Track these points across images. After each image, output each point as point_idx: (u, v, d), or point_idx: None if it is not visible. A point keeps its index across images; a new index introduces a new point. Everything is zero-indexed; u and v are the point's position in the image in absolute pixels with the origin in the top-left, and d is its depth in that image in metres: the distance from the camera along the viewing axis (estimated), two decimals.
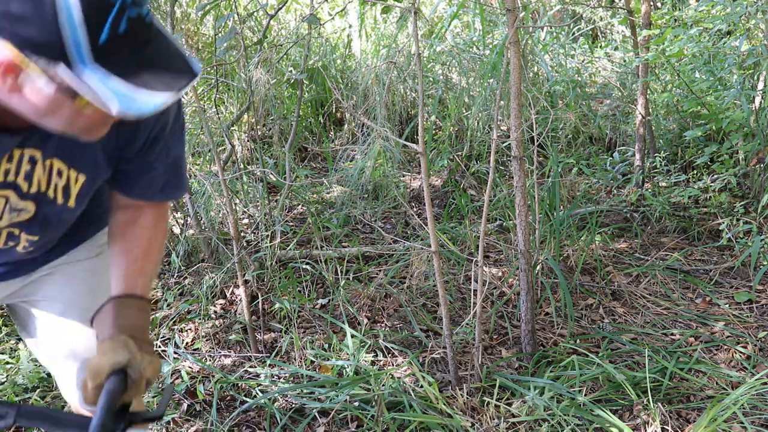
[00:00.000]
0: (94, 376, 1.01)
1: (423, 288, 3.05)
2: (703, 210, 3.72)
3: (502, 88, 2.29)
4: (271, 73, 3.64)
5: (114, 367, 1.01)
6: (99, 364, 1.01)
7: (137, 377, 1.03)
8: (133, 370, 1.02)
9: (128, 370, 1.02)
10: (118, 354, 1.02)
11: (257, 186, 3.66)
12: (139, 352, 1.05)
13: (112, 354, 1.02)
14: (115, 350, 1.02)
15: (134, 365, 1.03)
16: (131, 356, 1.03)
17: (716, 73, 3.74)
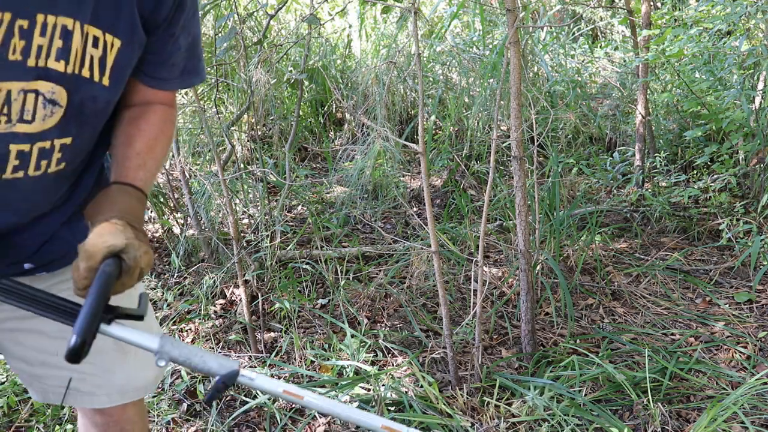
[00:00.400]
0: (88, 257, 0.96)
1: (423, 288, 3.05)
2: (703, 210, 3.72)
3: (502, 88, 2.29)
4: (271, 73, 3.64)
5: (110, 250, 0.96)
6: (94, 245, 0.96)
7: (132, 264, 0.98)
8: (129, 256, 0.98)
9: (123, 255, 0.97)
10: (116, 237, 0.97)
11: (257, 186, 3.66)
12: (136, 239, 1.00)
13: (109, 236, 0.97)
14: (113, 233, 0.97)
15: (130, 251, 0.98)
16: (128, 241, 0.98)
17: (716, 73, 3.74)
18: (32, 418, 2.21)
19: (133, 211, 1.06)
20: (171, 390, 2.38)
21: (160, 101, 1.22)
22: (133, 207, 1.07)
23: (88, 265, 0.96)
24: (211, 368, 0.96)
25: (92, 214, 1.05)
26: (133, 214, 1.05)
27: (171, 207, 3.62)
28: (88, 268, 0.96)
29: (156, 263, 3.44)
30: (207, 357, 0.96)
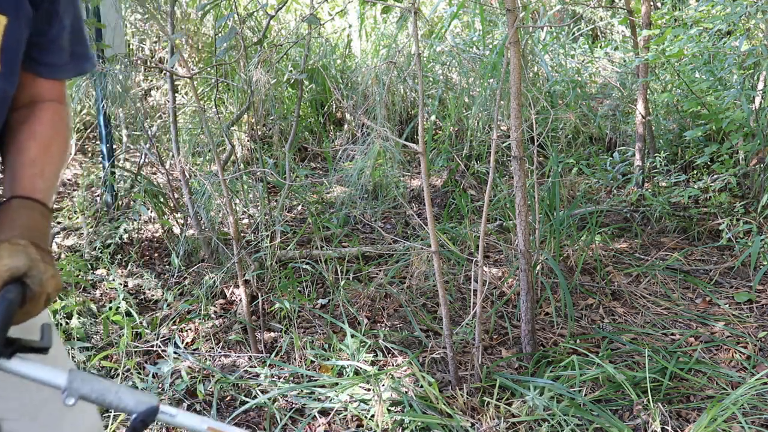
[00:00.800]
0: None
1: (423, 288, 3.05)
2: (703, 210, 3.72)
3: (502, 88, 2.29)
4: (271, 73, 3.64)
5: (12, 273, 0.85)
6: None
7: (38, 289, 0.88)
8: (34, 280, 0.87)
9: (27, 279, 0.87)
10: (17, 258, 0.86)
11: (257, 186, 3.66)
12: (41, 261, 0.89)
13: (9, 259, 0.85)
14: (13, 254, 0.86)
15: (35, 275, 0.87)
16: (32, 263, 0.87)
17: (716, 73, 3.74)
18: None
19: (37, 227, 0.94)
20: (171, 390, 2.38)
21: (51, 97, 1.11)
22: (36, 223, 0.95)
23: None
24: (126, 406, 0.87)
25: None
26: (37, 231, 0.94)
27: (171, 207, 3.62)
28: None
29: (156, 263, 3.44)
30: (123, 393, 0.87)
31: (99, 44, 3.05)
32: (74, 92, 3.46)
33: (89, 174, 3.83)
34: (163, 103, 5.35)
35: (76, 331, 2.64)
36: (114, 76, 2.96)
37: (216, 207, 3.34)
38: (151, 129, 3.86)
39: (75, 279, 3.03)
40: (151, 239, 3.68)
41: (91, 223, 3.51)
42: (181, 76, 3.61)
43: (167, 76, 3.25)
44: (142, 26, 5.68)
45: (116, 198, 3.66)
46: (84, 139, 5.01)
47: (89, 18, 3.16)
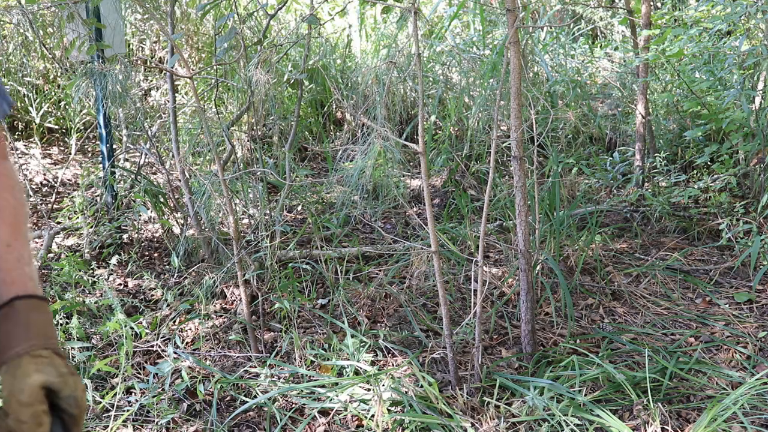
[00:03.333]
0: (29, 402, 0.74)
1: (423, 288, 3.05)
2: (703, 210, 3.72)
3: (502, 88, 2.29)
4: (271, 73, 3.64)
5: (46, 387, 0.76)
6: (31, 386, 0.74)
7: (76, 412, 0.79)
8: (70, 402, 0.78)
9: (62, 403, 0.78)
10: (47, 372, 0.77)
11: (257, 186, 3.66)
12: (70, 374, 0.79)
13: (39, 374, 0.75)
14: (41, 369, 0.76)
15: (69, 395, 0.78)
16: (62, 378, 0.77)
17: (716, 73, 3.74)
18: None
19: (49, 330, 0.82)
20: (171, 390, 2.38)
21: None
22: (48, 325, 0.83)
23: (37, 409, 0.75)
24: None
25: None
26: (52, 335, 0.82)
27: (171, 207, 3.62)
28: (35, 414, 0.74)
29: (156, 263, 3.44)
30: None
31: (99, 44, 3.04)
32: (74, 92, 3.46)
33: (89, 174, 3.83)
34: (163, 103, 5.35)
35: (77, 331, 2.64)
36: (114, 76, 2.96)
37: (216, 207, 3.34)
38: (151, 129, 3.86)
39: (75, 279, 3.03)
40: (151, 239, 3.68)
41: (91, 223, 3.51)
42: (181, 76, 3.61)
43: (167, 76, 3.25)
44: (142, 26, 5.68)
45: (116, 198, 3.66)
46: (84, 139, 5.01)
47: (89, 18, 3.16)
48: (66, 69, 4.65)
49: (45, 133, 5.17)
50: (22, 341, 0.78)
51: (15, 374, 0.76)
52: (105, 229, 3.44)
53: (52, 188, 4.27)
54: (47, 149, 5.04)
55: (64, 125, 5.22)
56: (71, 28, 3.32)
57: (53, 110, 5.26)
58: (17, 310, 0.80)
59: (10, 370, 0.76)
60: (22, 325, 0.79)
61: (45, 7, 4.12)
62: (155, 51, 5.86)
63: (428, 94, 4.83)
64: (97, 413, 2.27)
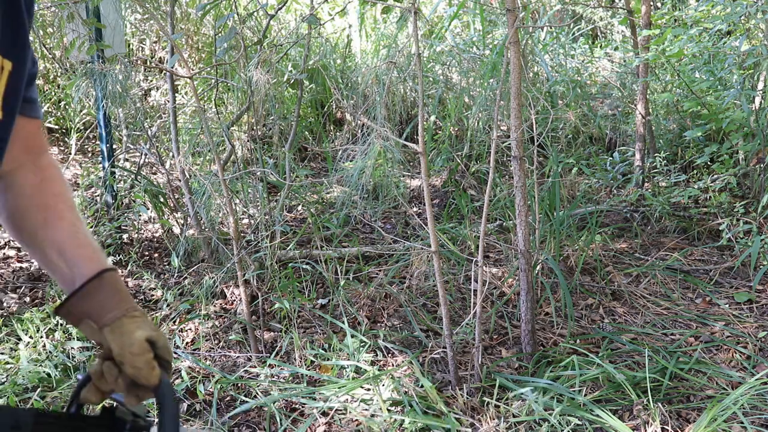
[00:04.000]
0: (140, 352, 0.87)
1: (423, 288, 3.05)
2: (703, 210, 3.72)
3: (502, 88, 2.29)
4: (271, 73, 3.64)
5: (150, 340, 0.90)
6: (138, 340, 0.88)
7: (169, 358, 0.92)
8: (164, 351, 0.91)
9: (159, 351, 0.91)
10: (146, 328, 0.90)
11: (257, 186, 3.66)
12: (158, 328, 0.93)
13: (141, 330, 0.89)
14: (141, 326, 0.90)
15: (163, 344, 0.91)
16: (156, 332, 0.91)
17: (716, 73, 3.74)
18: None
19: (131, 297, 0.95)
20: None
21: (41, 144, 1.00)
22: (128, 291, 0.96)
23: (148, 357, 0.88)
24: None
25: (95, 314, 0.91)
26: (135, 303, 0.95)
27: (171, 207, 3.62)
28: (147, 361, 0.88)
29: (156, 263, 3.44)
30: None
31: (99, 44, 3.04)
32: (74, 92, 3.47)
33: (89, 174, 3.83)
34: (163, 103, 5.35)
35: (77, 331, 2.64)
36: (114, 76, 2.96)
37: (216, 207, 3.34)
38: (151, 129, 3.86)
39: None
40: (151, 239, 3.68)
41: (91, 223, 3.50)
42: (181, 76, 3.61)
43: (167, 76, 3.25)
44: (142, 26, 5.68)
45: (116, 198, 3.66)
46: (84, 139, 5.01)
47: (89, 18, 3.16)
48: (66, 69, 4.66)
49: (45, 133, 5.16)
50: (117, 306, 0.91)
51: (121, 332, 0.88)
52: (105, 229, 3.44)
53: None
54: None
55: (64, 125, 5.22)
56: (71, 28, 3.32)
57: (53, 110, 5.26)
58: (107, 281, 0.92)
59: (115, 330, 0.89)
60: (113, 292, 0.92)
61: (45, 7, 4.12)
62: (155, 51, 5.86)
63: (428, 94, 4.83)
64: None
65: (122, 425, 0.89)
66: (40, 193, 0.97)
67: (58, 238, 0.95)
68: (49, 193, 0.98)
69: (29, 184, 0.97)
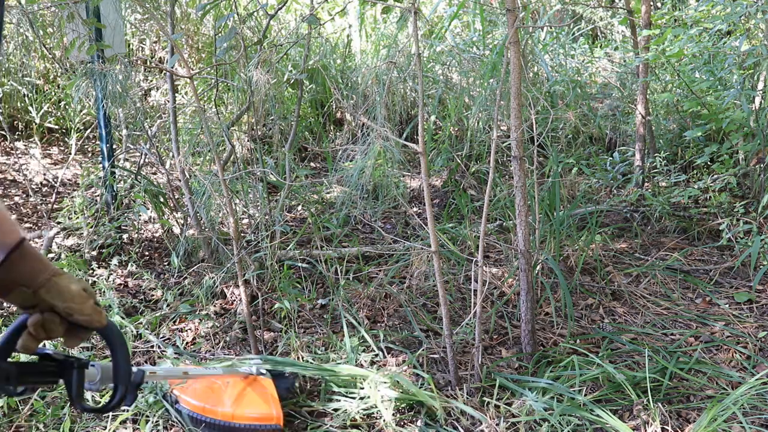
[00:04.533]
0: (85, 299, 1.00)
1: (423, 288, 3.05)
2: (703, 210, 3.72)
3: (502, 88, 2.29)
4: (271, 73, 3.64)
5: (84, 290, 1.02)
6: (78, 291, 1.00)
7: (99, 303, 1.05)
8: (94, 296, 1.04)
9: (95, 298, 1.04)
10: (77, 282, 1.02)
11: (257, 186, 3.66)
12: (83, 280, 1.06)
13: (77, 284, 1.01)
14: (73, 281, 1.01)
15: (92, 291, 1.04)
16: (85, 284, 1.04)
17: (716, 73, 3.74)
18: (32, 418, 2.21)
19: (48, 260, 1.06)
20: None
21: None
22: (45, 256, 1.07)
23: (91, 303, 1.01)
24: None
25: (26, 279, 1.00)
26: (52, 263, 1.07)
27: (171, 207, 3.62)
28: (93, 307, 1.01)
29: (156, 263, 3.44)
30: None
31: (99, 44, 3.04)
32: (74, 92, 3.47)
33: (89, 174, 3.83)
34: (163, 103, 5.35)
35: None
36: (114, 76, 2.96)
37: (216, 207, 3.34)
38: (151, 129, 3.86)
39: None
40: (151, 239, 3.68)
41: (91, 223, 3.50)
42: (181, 76, 3.61)
43: (167, 76, 3.25)
44: (142, 26, 5.68)
45: (116, 198, 3.66)
46: (84, 139, 5.01)
47: (89, 18, 3.16)
48: (66, 69, 4.65)
49: (45, 133, 5.17)
50: (44, 269, 0.99)
51: (59, 289, 0.98)
52: (105, 229, 3.44)
53: (52, 188, 4.27)
54: (47, 149, 5.04)
55: (64, 125, 5.22)
56: (71, 28, 3.32)
57: (53, 110, 5.26)
58: (27, 250, 1.00)
59: (51, 288, 0.98)
60: (37, 258, 1.00)
61: (45, 7, 4.12)
62: (155, 51, 5.86)
63: (428, 94, 4.83)
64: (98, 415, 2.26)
65: (69, 364, 1.01)
66: None
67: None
68: None
69: None
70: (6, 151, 4.88)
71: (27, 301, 0.98)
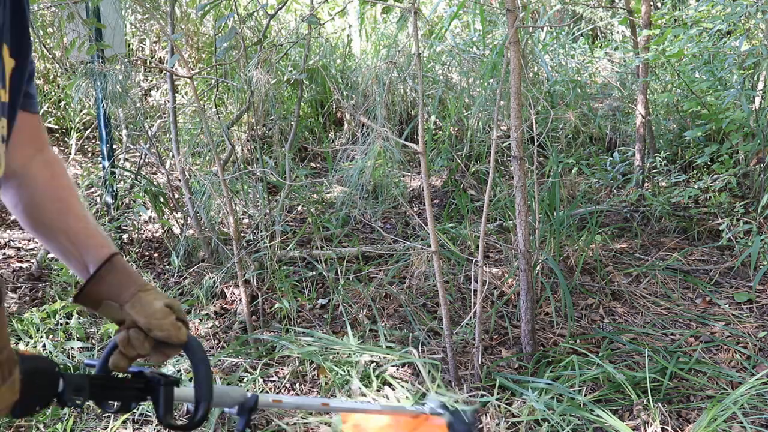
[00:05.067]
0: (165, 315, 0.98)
1: (423, 288, 3.05)
2: (703, 210, 3.72)
3: (502, 88, 2.29)
4: (271, 73, 3.64)
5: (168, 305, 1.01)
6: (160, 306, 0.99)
7: (186, 320, 1.04)
8: (181, 313, 1.03)
9: (179, 314, 1.03)
10: (163, 299, 1.00)
11: (257, 186, 3.66)
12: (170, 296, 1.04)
13: (160, 300, 1.00)
14: (158, 297, 1.00)
15: (179, 308, 1.03)
16: (172, 300, 1.03)
17: (716, 73, 3.74)
18: (32, 417, 2.21)
19: (139, 275, 1.06)
20: None
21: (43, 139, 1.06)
22: (136, 271, 1.06)
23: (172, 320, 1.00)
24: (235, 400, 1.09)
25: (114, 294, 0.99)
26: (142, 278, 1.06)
27: (171, 207, 3.62)
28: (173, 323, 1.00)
29: (156, 263, 3.44)
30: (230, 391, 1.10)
31: (99, 44, 3.04)
32: (74, 92, 3.47)
33: (89, 174, 3.83)
34: (163, 103, 5.35)
35: (77, 331, 2.64)
36: (114, 76, 2.96)
37: (216, 207, 3.34)
38: (151, 129, 3.86)
39: (75, 279, 3.03)
40: (151, 239, 3.68)
41: None
42: (181, 76, 3.61)
43: (167, 76, 3.25)
44: (142, 26, 5.68)
45: (116, 198, 3.66)
46: (84, 139, 5.01)
47: (89, 18, 3.16)
48: (66, 69, 4.65)
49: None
50: (132, 283, 1.00)
51: (142, 304, 0.98)
52: (105, 229, 3.44)
53: None
54: None
55: (64, 125, 5.22)
56: (71, 28, 3.32)
57: (53, 110, 5.26)
58: (117, 264, 1.01)
59: (135, 304, 0.98)
60: (126, 273, 1.01)
61: (45, 7, 4.12)
62: (155, 51, 5.86)
63: (428, 94, 4.83)
64: (97, 413, 2.27)
65: (157, 382, 0.99)
66: (52, 187, 1.04)
67: (72, 228, 1.02)
68: (60, 187, 1.05)
69: (42, 178, 1.04)
70: None
71: (115, 315, 0.99)
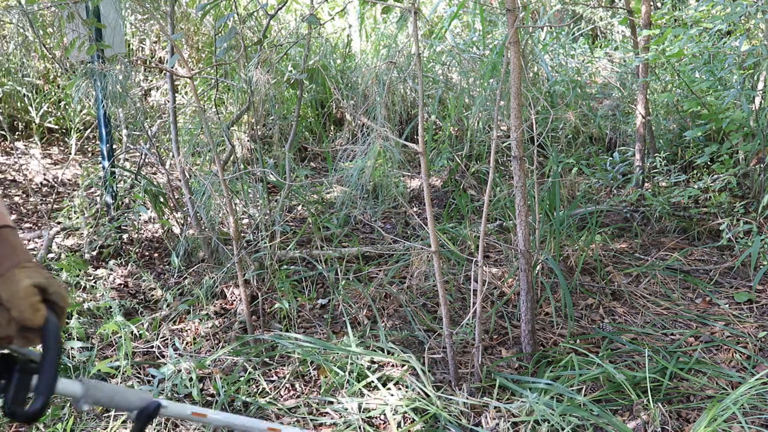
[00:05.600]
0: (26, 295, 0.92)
1: (423, 288, 3.05)
2: (703, 210, 3.72)
3: (502, 88, 2.29)
4: (271, 73, 3.64)
5: (37, 285, 0.94)
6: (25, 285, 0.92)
7: (63, 305, 0.98)
8: (58, 296, 0.97)
9: (52, 297, 0.96)
10: (36, 276, 0.94)
11: (257, 186, 3.66)
12: (52, 278, 0.97)
13: (29, 278, 0.93)
14: (31, 275, 0.94)
15: (57, 291, 0.96)
16: (48, 280, 0.96)
17: (716, 73, 3.74)
18: None
19: (28, 251, 0.99)
20: (171, 391, 2.38)
21: None
22: (24, 246, 0.99)
23: (32, 300, 0.93)
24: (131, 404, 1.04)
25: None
26: (29, 253, 0.99)
27: (171, 207, 3.62)
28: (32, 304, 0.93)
29: (156, 263, 3.44)
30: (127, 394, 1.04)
31: (99, 44, 3.04)
32: (74, 92, 3.47)
33: (89, 174, 3.83)
34: (163, 103, 5.35)
35: (77, 332, 2.64)
36: (114, 76, 2.96)
37: (216, 207, 3.34)
38: (151, 129, 3.86)
39: (75, 279, 3.03)
40: (151, 239, 3.68)
41: (91, 223, 3.50)
42: (181, 76, 3.61)
43: (167, 76, 3.25)
44: (142, 26, 5.69)
45: (116, 198, 3.66)
46: (84, 139, 5.01)
47: (89, 18, 3.16)
48: (66, 69, 4.65)
49: (45, 133, 5.17)
50: (11, 258, 0.95)
51: (12, 281, 0.93)
52: (105, 230, 3.44)
53: (52, 188, 4.27)
54: (47, 149, 5.04)
55: (64, 125, 5.22)
56: (71, 28, 3.32)
57: (53, 110, 5.26)
58: (4, 236, 0.97)
59: (6, 279, 0.94)
60: (9, 246, 0.96)
61: (45, 7, 4.12)
62: (155, 51, 5.86)
63: (428, 94, 4.83)
64: (97, 413, 2.27)
65: (12, 364, 0.93)
66: None
67: None
68: None
69: None
70: (6, 151, 4.88)
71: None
